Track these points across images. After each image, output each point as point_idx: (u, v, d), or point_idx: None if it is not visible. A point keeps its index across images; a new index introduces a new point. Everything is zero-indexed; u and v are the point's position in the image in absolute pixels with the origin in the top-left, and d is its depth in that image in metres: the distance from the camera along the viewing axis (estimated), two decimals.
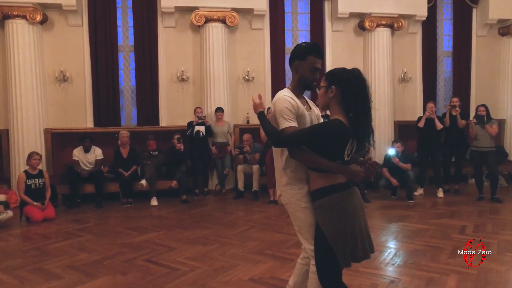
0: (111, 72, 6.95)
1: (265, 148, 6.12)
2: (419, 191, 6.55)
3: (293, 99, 2.08)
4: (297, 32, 7.86)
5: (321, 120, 2.30)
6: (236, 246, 4.02)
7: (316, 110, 2.27)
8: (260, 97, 2.17)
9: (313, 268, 2.16)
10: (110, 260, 3.66)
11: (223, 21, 6.94)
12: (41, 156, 5.49)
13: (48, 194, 5.39)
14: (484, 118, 5.93)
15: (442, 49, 8.38)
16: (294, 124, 2.03)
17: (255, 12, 7.17)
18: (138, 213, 5.58)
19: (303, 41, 2.29)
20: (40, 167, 5.49)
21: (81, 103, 6.93)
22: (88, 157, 6.23)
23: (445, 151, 6.54)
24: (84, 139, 6.19)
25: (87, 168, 6.17)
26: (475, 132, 5.98)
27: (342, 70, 2.03)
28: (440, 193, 6.39)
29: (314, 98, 5.94)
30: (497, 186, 6.08)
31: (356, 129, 1.98)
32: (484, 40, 8.39)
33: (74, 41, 6.84)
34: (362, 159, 2.12)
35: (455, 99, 6.56)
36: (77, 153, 6.20)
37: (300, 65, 2.14)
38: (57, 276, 3.27)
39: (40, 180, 5.33)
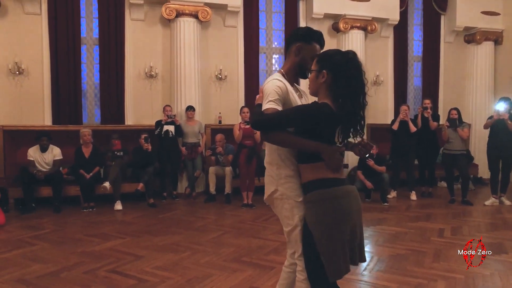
0: (72, 66, 6.42)
1: (239, 149, 5.85)
2: (392, 194, 6.53)
3: (284, 83, 1.88)
4: (272, 31, 7.68)
5: None
6: (210, 253, 3.72)
7: (308, 98, 2.07)
8: (260, 91, 1.93)
9: (300, 276, 1.92)
10: (68, 271, 3.24)
11: (195, 16, 6.62)
12: None
13: None
14: (457, 121, 6.00)
15: (412, 54, 8.52)
16: (277, 107, 1.80)
17: (228, 9, 6.91)
18: (100, 219, 5.12)
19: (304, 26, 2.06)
20: None
21: (38, 98, 6.33)
22: (45, 157, 5.67)
23: (418, 153, 6.57)
24: (41, 137, 5.63)
25: (44, 169, 5.62)
26: (447, 135, 6.03)
27: (335, 53, 1.83)
28: (413, 196, 6.40)
29: None
30: (467, 189, 6.17)
31: (344, 116, 1.77)
32: (451, 46, 8.63)
33: (31, 31, 6.24)
34: (354, 142, 1.92)
35: (427, 101, 6.61)
36: (33, 153, 5.63)
37: (304, 48, 1.94)
38: None
39: None
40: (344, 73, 1.75)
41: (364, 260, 1.90)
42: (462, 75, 8.71)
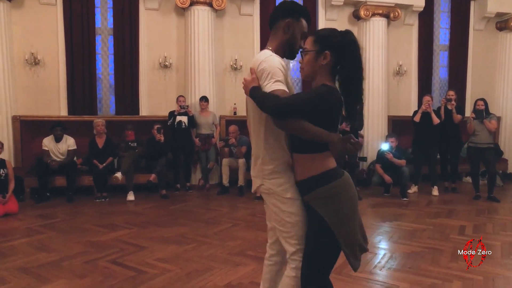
0: (87, 56, 6.43)
1: None
2: (413, 189, 6.23)
3: (283, 62, 1.72)
4: None
5: None
6: (215, 246, 3.61)
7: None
8: (252, 71, 1.70)
9: (291, 272, 1.76)
10: (69, 260, 3.21)
11: (209, 4, 6.48)
12: (2, 144, 4.99)
13: (11, 186, 4.90)
14: (483, 112, 5.62)
15: (438, 42, 8.05)
16: (286, 89, 1.65)
17: None
18: (112, 209, 5.12)
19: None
20: (6, 157, 4.98)
21: (54, 89, 6.39)
22: (59, 147, 5.72)
23: (441, 147, 6.21)
24: (54, 127, 5.68)
25: (58, 159, 5.67)
26: (473, 127, 5.65)
27: (335, 32, 1.68)
28: (435, 191, 6.06)
29: None
30: (494, 185, 5.80)
31: (346, 102, 1.68)
32: (482, 34, 8.10)
33: (46, 21, 6.28)
34: (344, 136, 1.71)
35: (451, 92, 6.22)
36: (47, 143, 5.70)
37: (293, 24, 1.78)
38: (2, 280, 2.81)
39: (2, 171, 4.83)
40: (349, 55, 1.64)
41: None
42: (492, 65, 8.18)
